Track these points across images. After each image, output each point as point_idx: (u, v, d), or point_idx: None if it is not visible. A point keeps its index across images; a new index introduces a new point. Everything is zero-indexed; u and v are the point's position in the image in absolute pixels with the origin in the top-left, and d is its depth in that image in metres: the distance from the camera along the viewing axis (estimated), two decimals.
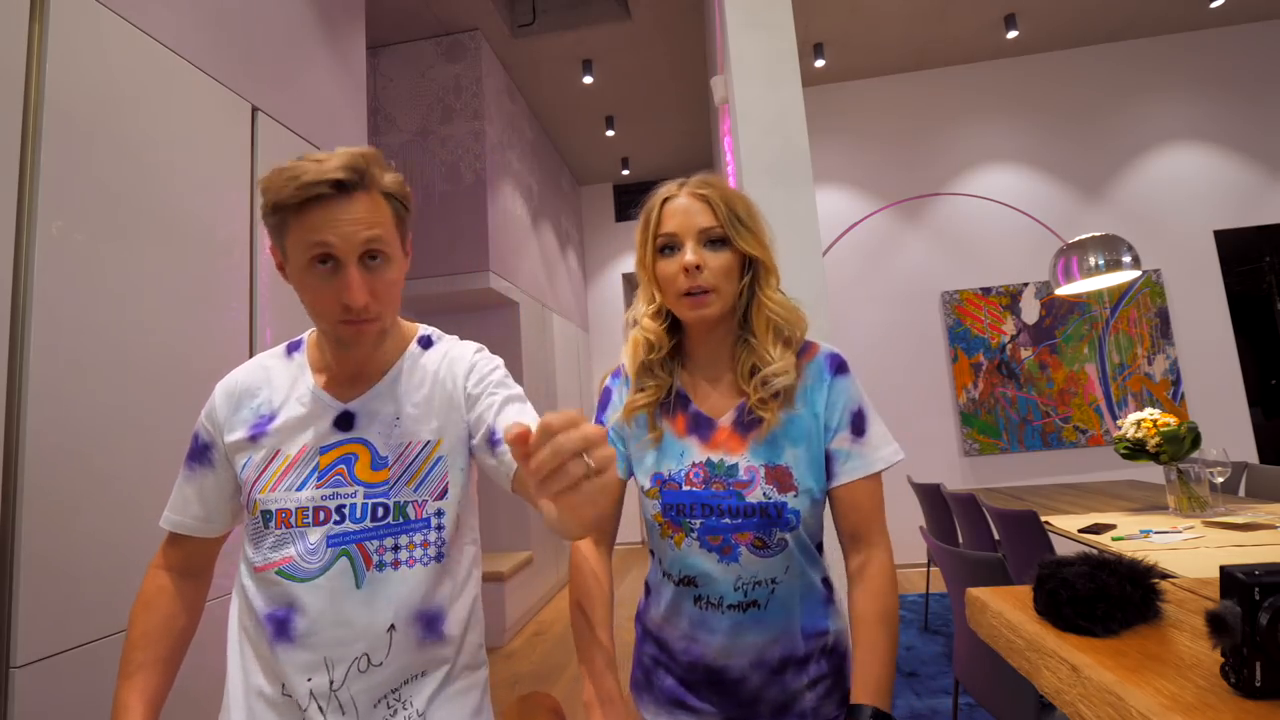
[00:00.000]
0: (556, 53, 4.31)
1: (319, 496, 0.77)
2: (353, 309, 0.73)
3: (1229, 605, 0.41)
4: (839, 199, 4.79)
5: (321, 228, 0.70)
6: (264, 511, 0.77)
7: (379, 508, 0.77)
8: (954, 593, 1.84)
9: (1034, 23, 4.34)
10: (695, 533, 0.83)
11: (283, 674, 0.74)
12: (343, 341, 0.77)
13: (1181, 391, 4.33)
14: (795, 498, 0.82)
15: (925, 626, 3.28)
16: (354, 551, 0.76)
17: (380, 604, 0.75)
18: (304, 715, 0.73)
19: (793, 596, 0.84)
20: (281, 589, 0.75)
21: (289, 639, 0.74)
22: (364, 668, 0.74)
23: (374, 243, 0.73)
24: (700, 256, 0.82)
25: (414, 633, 0.77)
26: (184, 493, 0.85)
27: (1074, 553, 0.62)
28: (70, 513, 1.18)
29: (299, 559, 0.76)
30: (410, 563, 0.77)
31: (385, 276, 0.76)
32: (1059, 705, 0.49)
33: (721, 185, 0.87)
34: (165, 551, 0.87)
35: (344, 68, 2.27)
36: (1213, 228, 4.43)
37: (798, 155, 1.95)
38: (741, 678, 0.84)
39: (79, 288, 1.24)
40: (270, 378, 0.84)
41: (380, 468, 0.78)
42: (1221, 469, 2.10)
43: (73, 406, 1.21)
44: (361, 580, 0.75)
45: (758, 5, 2.05)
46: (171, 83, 1.51)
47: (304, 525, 0.76)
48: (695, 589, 0.84)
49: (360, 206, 0.72)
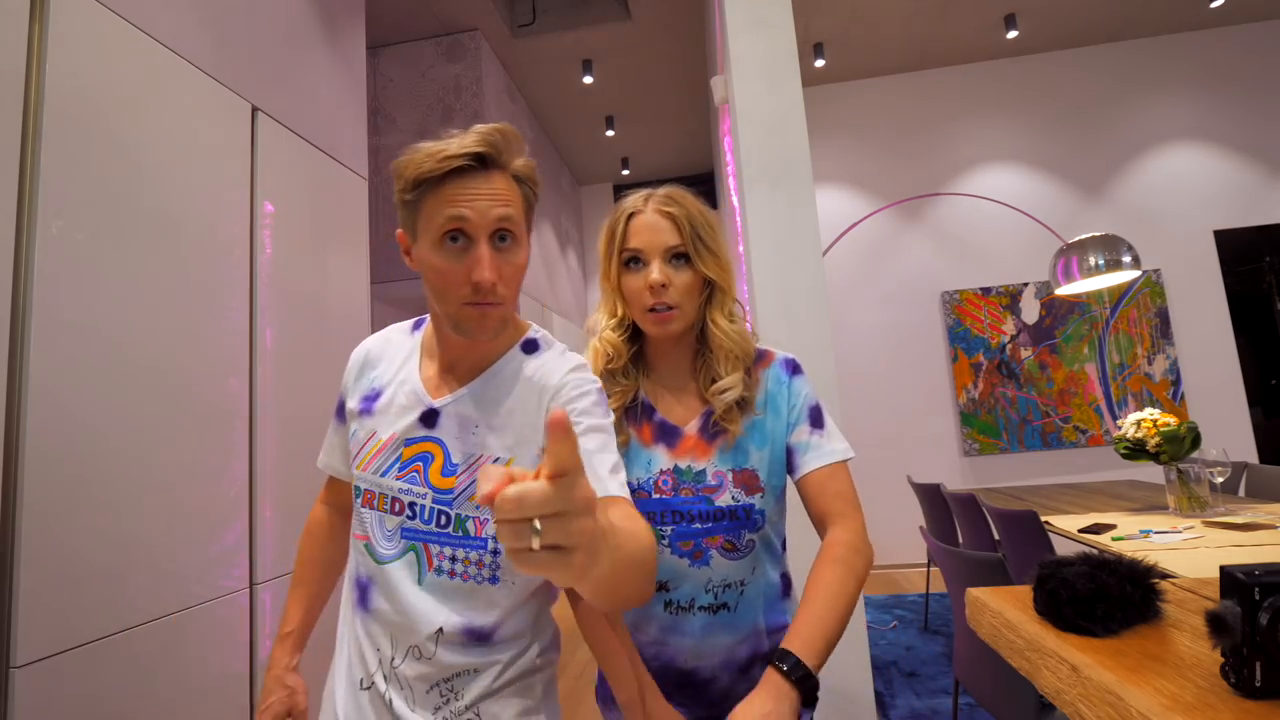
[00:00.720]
0: (556, 53, 4.31)
1: (397, 488, 0.78)
2: (482, 287, 0.71)
3: (1229, 605, 0.41)
4: (839, 199, 4.79)
5: (459, 200, 0.70)
6: (356, 486, 0.82)
7: (442, 515, 0.77)
8: (954, 593, 1.84)
9: (1034, 23, 4.34)
10: (667, 539, 0.85)
11: (362, 633, 0.80)
12: (463, 328, 0.75)
13: (1181, 391, 4.33)
14: (762, 498, 0.86)
15: (925, 626, 3.28)
16: (421, 550, 0.77)
17: (432, 607, 0.76)
18: (373, 677, 0.78)
19: (758, 596, 0.88)
20: (365, 560, 0.80)
21: (366, 608, 0.79)
22: (417, 656, 0.76)
23: (505, 221, 0.73)
24: (666, 275, 0.85)
25: (460, 639, 0.76)
26: (331, 440, 0.94)
27: (1074, 553, 0.62)
28: (70, 513, 1.18)
29: (375, 540, 0.79)
30: (465, 577, 0.76)
31: (513, 259, 0.75)
32: (1059, 705, 0.49)
33: (687, 202, 0.89)
34: (325, 489, 1.00)
35: (344, 68, 2.27)
36: (1213, 228, 4.43)
37: (798, 155, 1.95)
38: (712, 678, 0.86)
39: (79, 288, 1.24)
40: (388, 351, 0.86)
41: (449, 474, 0.77)
42: (1221, 469, 2.10)
43: (73, 406, 1.21)
44: (422, 578, 0.77)
45: (758, 5, 2.05)
46: (171, 83, 1.51)
47: (383, 510, 0.79)
48: (666, 594, 0.86)
49: (497, 183, 0.73)
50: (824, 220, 4.18)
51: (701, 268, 0.86)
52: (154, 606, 1.33)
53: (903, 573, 4.35)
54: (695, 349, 0.92)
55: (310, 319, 1.91)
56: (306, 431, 1.82)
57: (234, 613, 1.52)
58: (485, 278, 0.71)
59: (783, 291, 1.87)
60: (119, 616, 1.25)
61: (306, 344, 1.88)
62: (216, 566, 1.48)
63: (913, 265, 4.69)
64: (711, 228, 0.89)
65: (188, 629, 1.40)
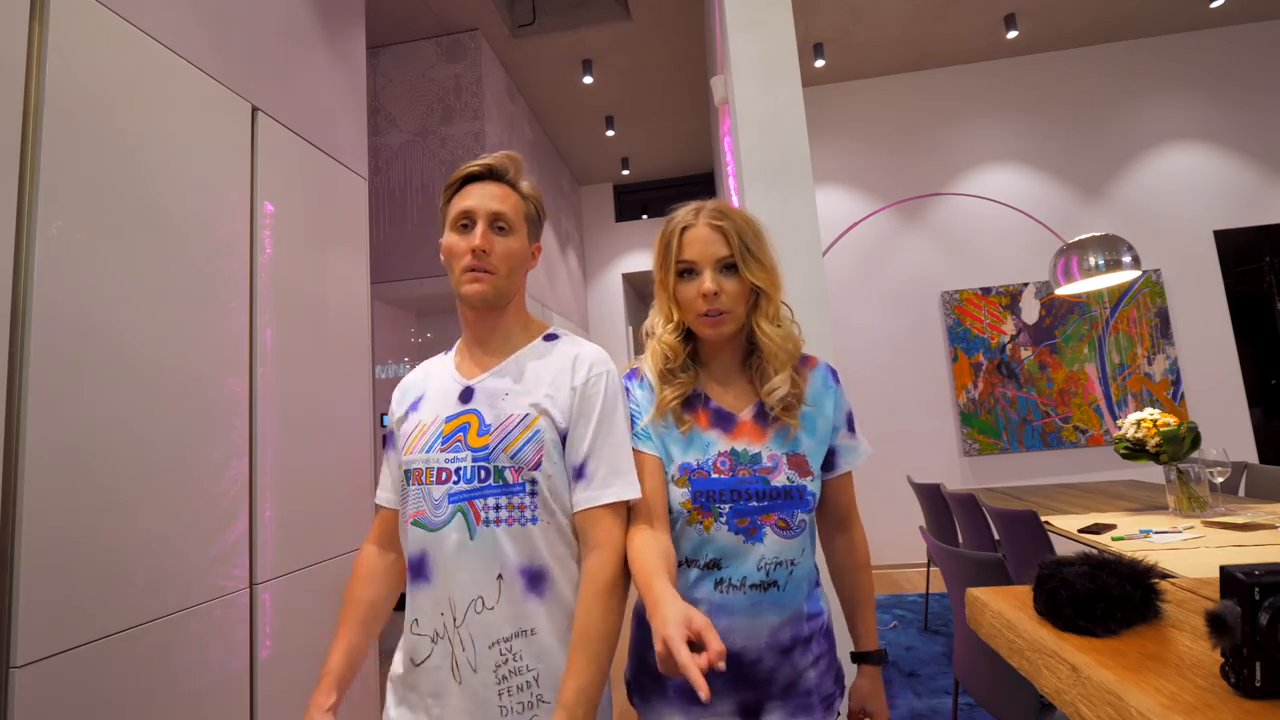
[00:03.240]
0: (556, 53, 4.31)
1: (442, 459, 0.90)
2: (476, 251, 0.91)
3: (1229, 605, 0.41)
4: (839, 199, 4.79)
5: (468, 195, 0.94)
6: (406, 470, 0.93)
7: (482, 470, 0.89)
8: (954, 593, 1.84)
9: (1034, 23, 4.34)
10: (724, 516, 0.91)
11: (418, 609, 0.90)
12: (463, 292, 0.93)
13: (1181, 391, 4.33)
14: (813, 482, 0.93)
15: (925, 626, 3.28)
16: (467, 508, 0.88)
17: (489, 555, 0.87)
18: (434, 646, 0.88)
19: (805, 579, 0.94)
20: (417, 536, 0.90)
21: (425, 578, 0.89)
22: (479, 609, 0.86)
23: (501, 217, 0.93)
24: (718, 283, 0.93)
25: (519, 585, 0.87)
26: (385, 473, 1.04)
27: (1074, 553, 0.62)
28: (70, 513, 1.18)
29: (428, 512, 0.90)
30: (510, 521, 0.88)
31: (507, 242, 0.94)
32: (1059, 705, 0.49)
33: (735, 216, 0.96)
34: (376, 525, 1.05)
35: (344, 68, 2.27)
36: (1213, 228, 4.43)
37: (797, 155, 1.95)
38: (758, 659, 0.90)
39: (79, 288, 1.24)
40: (427, 371, 1.02)
41: (484, 434, 0.90)
42: (1221, 469, 2.10)
43: (73, 406, 1.21)
44: (474, 533, 0.88)
45: (757, 5, 2.05)
46: (171, 82, 1.51)
47: (430, 483, 0.90)
48: (719, 571, 0.91)
49: (498, 189, 0.95)
50: (824, 220, 4.18)
51: (749, 276, 0.94)
52: (154, 606, 1.32)
53: (903, 573, 4.35)
54: (745, 348, 1.00)
55: (310, 319, 1.91)
56: (306, 431, 1.82)
57: (234, 613, 1.52)
58: (477, 244, 0.91)
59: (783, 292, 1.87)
60: (119, 616, 1.25)
61: (306, 344, 1.88)
62: (216, 566, 1.48)
63: (913, 265, 4.69)
64: (759, 237, 0.96)
65: (188, 629, 1.40)
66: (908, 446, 4.46)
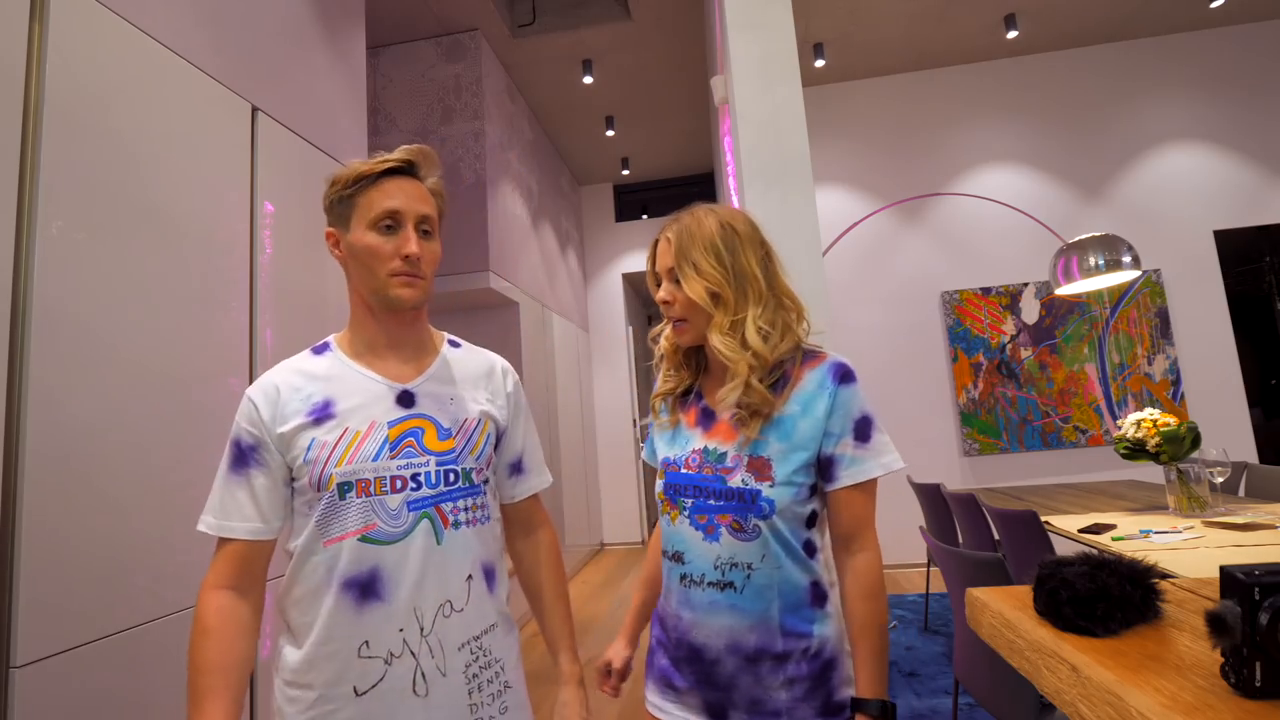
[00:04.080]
0: (556, 53, 4.31)
1: (394, 466, 0.85)
2: (410, 259, 0.86)
3: (1229, 605, 0.41)
4: (839, 199, 4.79)
5: (394, 193, 0.87)
6: (341, 484, 0.83)
7: (450, 473, 0.89)
8: (954, 593, 1.84)
9: (1034, 23, 4.34)
10: (687, 511, 0.93)
11: (367, 631, 0.82)
12: (392, 296, 0.88)
13: (1181, 391, 4.33)
14: (771, 488, 0.88)
15: (925, 626, 3.28)
16: (433, 514, 0.86)
17: (458, 557, 0.87)
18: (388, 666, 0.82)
19: (770, 588, 0.89)
20: (362, 554, 0.83)
21: (377, 598, 0.83)
22: (448, 613, 0.85)
23: (426, 220, 0.90)
24: (669, 292, 0.95)
25: (483, 582, 0.90)
26: (235, 498, 0.85)
27: (1074, 553, 0.62)
28: (70, 513, 1.18)
29: (383, 524, 0.84)
30: (473, 522, 0.90)
31: (432, 247, 0.91)
32: (1059, 705, 0.49)
33: (686, 221, 0.96)
34: (218, 567, 0.85)
35: (344, 68, 2.27)
36: (1213, 228, 4.43)
37: (797, 155, 1.95)
38: (717, 659, 0.89)
39: (79, 288, 1.24)
40: (310, 372, 0.91)
41: (445, 438, 0.90)
42: (1221, 469, 2.10)
43: (73, 406, 1.21)
44: (442, 538, 0.86)
45: (757, 5, 2.05)
46: (171, 82, 1.51)
47: (382, 493, 0.84)
48: (682, 565, 0.93)
49: (418, 188, 0.90)
50: (824, 220, 4.18)
51: (685, 287, 0.92)
52: (154, 606, 1.33)
53: (903, 573, 4.35)
54: None
55: (310, 319, 1.91)
56: None
57: None
58: (413, 250, 0.86)
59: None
60: (119, 616, 1.25)
61: (306, 344, 1.87)
62: None
63: (913, 265, 4.69)
64: (712, 247, 0.93)
65: (188, 629, 1.39)
66: (908, 446, 4.45)
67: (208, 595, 0.84)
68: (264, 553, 0.88)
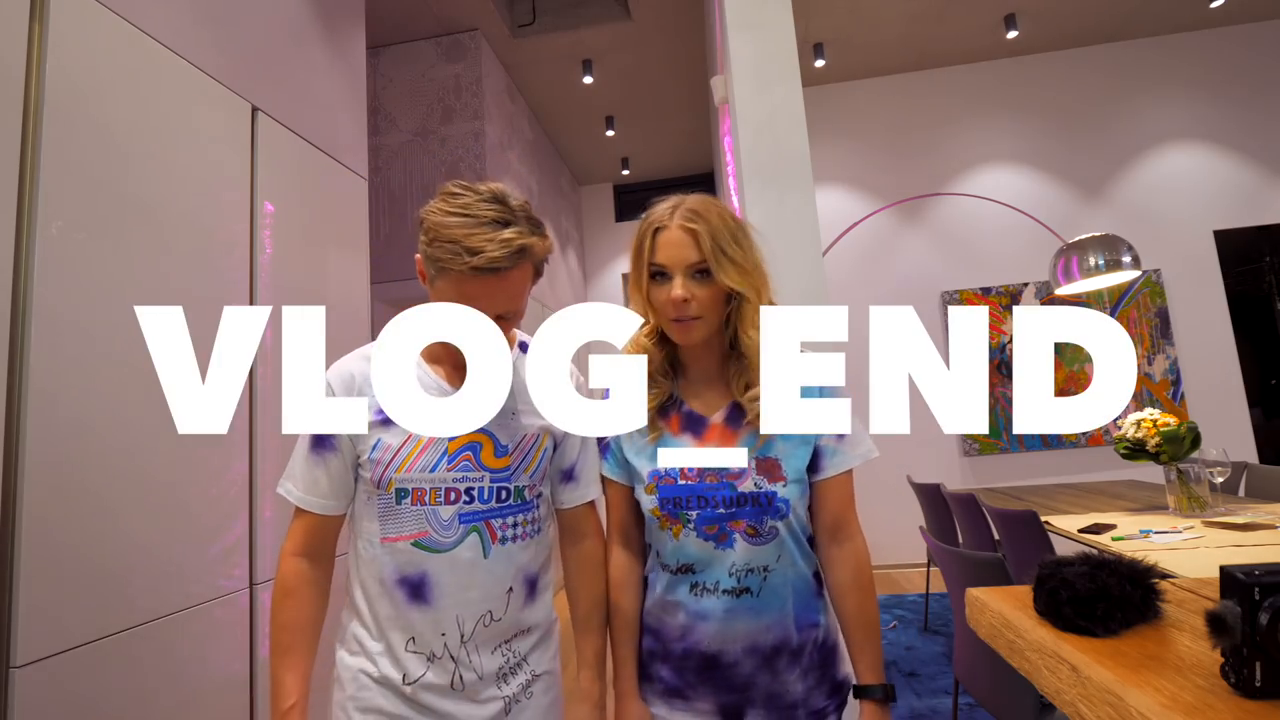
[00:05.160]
0: (556, 53, 4.30)
1: (450, 478, 0.88)
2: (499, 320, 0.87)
3: (1229, 605, 0.41)
4: (839, 199, 4.79)
5: (476, 297, 0.83)
6: (399, 489, 0.88)
7: (502, 490, 0.91)
8: (954, 593, 1.84)
9: (1034, 23, 4.34)
10: (692, 523, 0.89)
11: (413, 629, 0.87)
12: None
13: (1181, 391, 4.33)
14: (784, 487, 0.89)
15: (925, 626, 3.28)
16: (483, 528, 0.89)
17: (502, 571, 0.90)
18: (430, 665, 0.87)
19: (785, 585, 0.89)
20: (415, 558, 0.87)
21: (424, 601, 0.87)
22: (488, 623, 0.89)
23: (508, 314, 0.88)
24: (688, 289, 0.88)
25: (523, 593, 0.93)
26: (313, 475, 0.91)
27: (1074, 553, 0.62)
28: (70, 512, 1.18)
29: (434, 532, 0.87)
30: (524, 537, 0.93)
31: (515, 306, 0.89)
32: (1059, 705, 0.49)
33: (710, 216, 0.89)
34: (296, 536, 0.93)
35: (344, 68, 2.26)
36: (1213, 228, 4.43)
37: (797, 155, 1.94)
38: (734, 663, 0.88)
39: (79, 288, 1.24)
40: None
41: (502, 455, 0.92)
42: (1221, 469, 2.10)
43: (73, 407, 1.21)
44: (489, 552, 0.89)
45: (757, 5, 2.05)
46: (171, 82, 1.51)
47: (436, 504, 0.88)
48: (692, 576, 0.90)
49: (514, 279, 0.85)
50: (824, 220, 4.16)
51: (724, 281, 0.87)
52: (154, 606, 1.33)
53: (903, 573, 4.35)
54: (725, 352, 0.96)
55: None
56: None
57: (234, 613, 1.52)
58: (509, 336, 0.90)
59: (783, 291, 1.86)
60: (119, 616, 1.25)
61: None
62: (216, 566, 1.48)
63: (913, 265, 4.69)
64: (736, 238, 0.90)
65: (188, 629, 1.40)
66: (908, 446, 4.45)
67: (287, 561, 0.92)
68: (334, 526, 0.95)
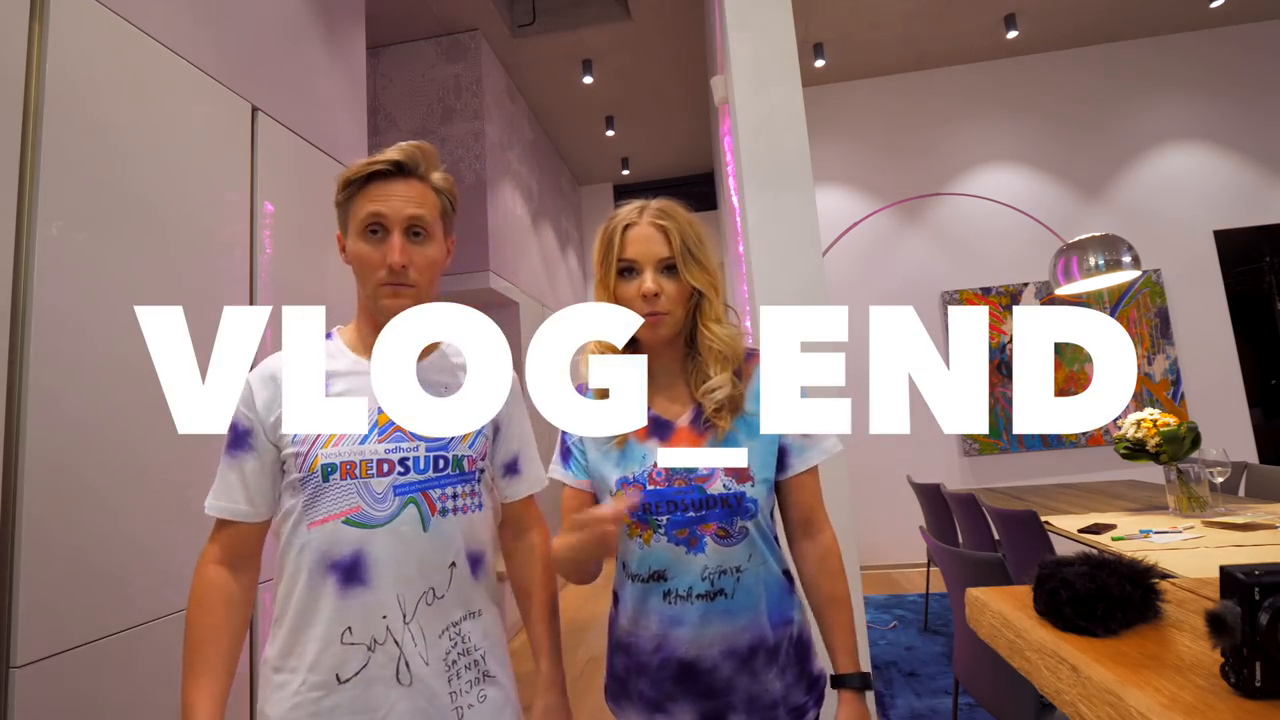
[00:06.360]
0: (556, 53, 4.31)
1: (382, 450, 0.85)
2: (394, 269, 0.85)
3: (1229, 605, 0.41)
4: (839, 199, 4.79)
5: (377, 198, 0.85)
6: (325, 465, 0.84)
7: (440, 459, 0.88)
8: (954, 593, 1.84)
9: (1034, 23, 4.34)
10: (663, 528, 0.89)
11: (349, 617, 0.81)
12: (380, 306, 0.87)
13: (1181, 391, 4.33)
14: (753, 487, 0.89)
15: (925, 626, 3.28)
16: (420, 499, 0.85)
17: (443, 544, 0.86)
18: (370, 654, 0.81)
19: (759, 585, 0.90)
20: (346, 536, 0.83)
21: (360, 582, 0.82)
22: (430, 600, 0.84)
23: (417, 220, 0.87)
24: (658, 284, 0.90)
25: (467, 569, 0.88)
26: (227, 480, 0.89)
27: (1074, 553, 0.62)
28: (70, 513, 1.18)
29: (367, 507, 0.83)
30: (465, 510, 0.89)
31: (425, 251, 0.89)
32: (1059, 705, 0.49)
33: (679, 216, 0.94)
34: (214, 543, 0.90)
35: (344, 68, 2.26)
36: (1213, 228, 4.43)
37: (797, 155, 1.94)
38: (713, 668, 0.88)
39: (79, 288, 1.24)
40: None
41: None
42: (1221, 469, 2.10)
43: (73, 406, 1.21)
44: (428, 524, 0.85)
45: (757, 5, 2.05)
46: (172, 82, 1.51)
47: (368, 476, 0.84)
48: (664, 583, 0.89)
49: (410, 188, 0.87)
50: (824, 220, 4.16)
51: (688, 278, 0.91)
52: (154, 606, 1.33)
53: (903, 573, 4.35)
54: (684, 351, 0.97)
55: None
56: None
57: None
58: (396, 260, 0.85)
59: (783, 291, 1.87)
60: (119, 616, 1.25)
61: None
62: None
63: (913, 265, 4.69)
64: (701, 240, 0.94)
65: None
66: (908, 446, 4.45)
67: (201, 570, 0.88)
68: (254, 534, 0.91)
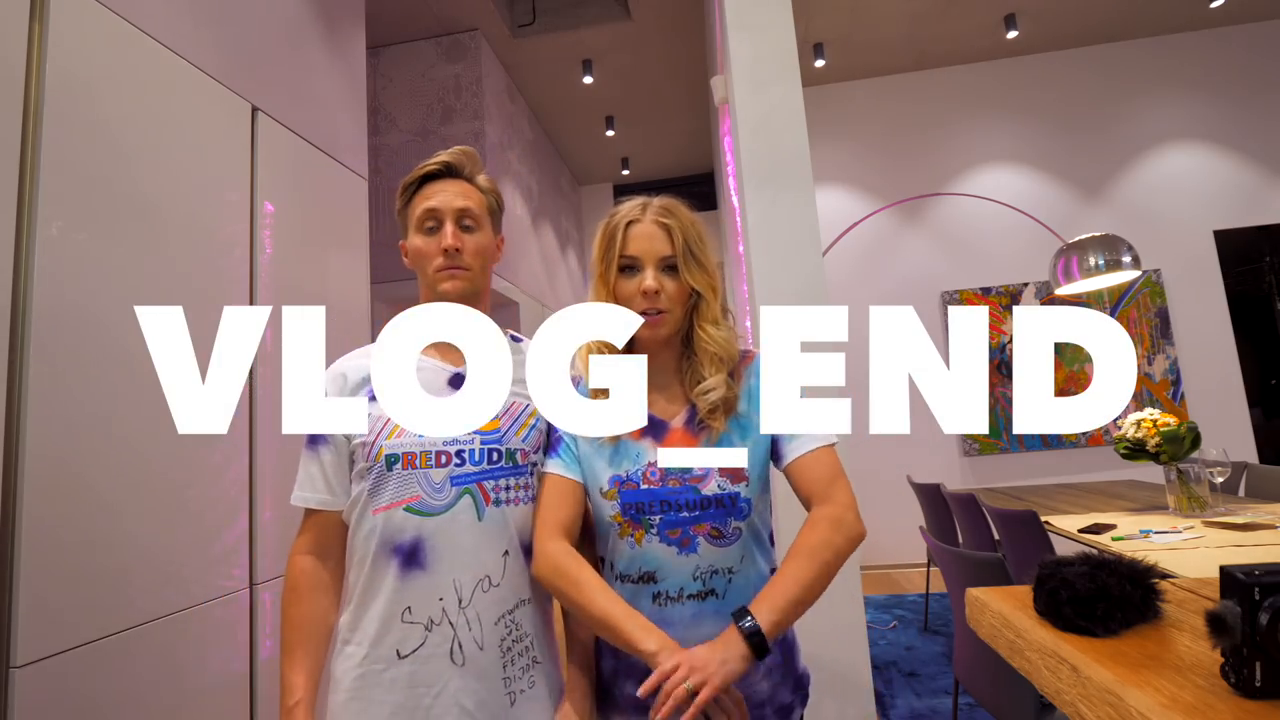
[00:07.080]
0: (556, 53, 4.31)
1: (440, 442, 0.90)
2: (449, 252, 0.94)
3: (1229, 605, 0.41)
4: (839, 199, 4.79)
5: (430, 196, 0.97)
6: (389, 456, 0.90)
7: (494, 452, 0.92)
8: (954, 593, 1.84)
9: (1034, 23, 4.34)
10: (655, 528, 0.88)
11: (409, 598, 0.87)
12: (438, 290, 0.96)
13: (1181, 391, 4.33)
14: (746, 487, 0.89)
15: (925, 626, 3.28)
16: (475, 490, 0.90)
17: (497, 534, 0.90)
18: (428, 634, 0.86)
19: (749, 585, 0.89)
20: (408, 523, 0.88)
21: (420, 566, 0.87)
22: (486, 588, 0.88)
23: (466, 212, 0.97)
24: (659, 282, 0.91)
25: (520, 558, 0.92)
26: (309, 472, 0.95)
27: (1074, 553, 0.62)
28: (70, 512, 1.18)
29: (426, 496, 0.89)
30: (517, 501, 0.93)
31: (476, 239, 0.98)
32: (1059, 705, 0.49)
33: (681, 215, 0.95)
34: (303, 534, 0.96)
35: (344, 68, 2.26)
36: (1213, 228, 4.43)
37: (797, 155, 1.95)
38: None
39: (79, 287, 1.24)
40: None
41: (493, 417, 0.93)
42: (1221, 469, 2.10)
43: (73, 406, 1.20)
44: (483, 514, 0.90)
45: (757, 5, 2.05)
46: (171, 82, 1.51)
47: (427, 467, 0.89)
48: (654, 585, 0.88)
49: (459, 186, 0.99)
50: (824, 220, 4.17)
51: (688, 278, 0.92)
52: (154, 606, 1.32)
53: (903, 573, 4.35)
54: (680, 351, 0.97)
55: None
56: None
57: (234, 613, 1.52)
58: (449, 243, 0.94)
59: (783, 291, 1.87)
60: (119, 616, 1.25)
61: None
62: (216, 566, 1.48)
63: (913, 265, 4.69)
64: (701, 240, 0.95)
65: (188, 629, 1.39)
66: (908, 446, 4.45)
67: (293, 559, 0.95)
68: (337, 522, 0.95)
